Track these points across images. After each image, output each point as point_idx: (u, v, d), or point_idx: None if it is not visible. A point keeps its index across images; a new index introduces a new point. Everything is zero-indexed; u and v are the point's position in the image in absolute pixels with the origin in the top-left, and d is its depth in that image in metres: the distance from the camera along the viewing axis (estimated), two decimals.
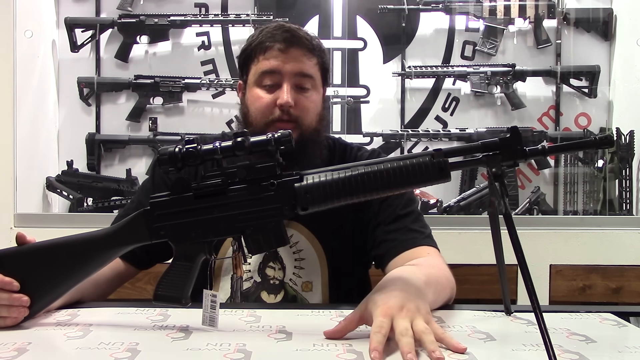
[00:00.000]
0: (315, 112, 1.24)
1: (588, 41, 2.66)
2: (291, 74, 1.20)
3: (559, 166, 2.63)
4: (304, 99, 1.21)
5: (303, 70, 1.21)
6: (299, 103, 1.21)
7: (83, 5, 2.63)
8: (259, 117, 1.21)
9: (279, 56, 1.21)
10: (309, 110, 1.22)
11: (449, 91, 2.67)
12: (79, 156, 2.56)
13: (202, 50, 2.67)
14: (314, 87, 1.24)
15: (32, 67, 2.46)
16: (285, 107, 1.19)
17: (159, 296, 0.95)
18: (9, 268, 0.95)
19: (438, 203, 2.44)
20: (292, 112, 1.20)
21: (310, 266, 1.25)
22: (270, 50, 1.21)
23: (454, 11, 2.62)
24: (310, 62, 1.23)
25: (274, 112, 1.20)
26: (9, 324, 0.94)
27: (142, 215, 0.96)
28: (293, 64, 1.20)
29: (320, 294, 1.25)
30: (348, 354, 0.80)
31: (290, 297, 1.25)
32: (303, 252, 1.25)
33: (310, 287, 1.25)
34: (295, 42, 1.21)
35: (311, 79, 1.23)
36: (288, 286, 1.25)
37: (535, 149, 0.89)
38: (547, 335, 0.74)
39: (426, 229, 1.25)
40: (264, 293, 1.25)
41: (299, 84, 1.22)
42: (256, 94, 1.22)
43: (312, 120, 1.23)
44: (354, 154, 1.33)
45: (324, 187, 0.90)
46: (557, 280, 2.16)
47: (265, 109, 1.21)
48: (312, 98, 1.23)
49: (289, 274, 1.25)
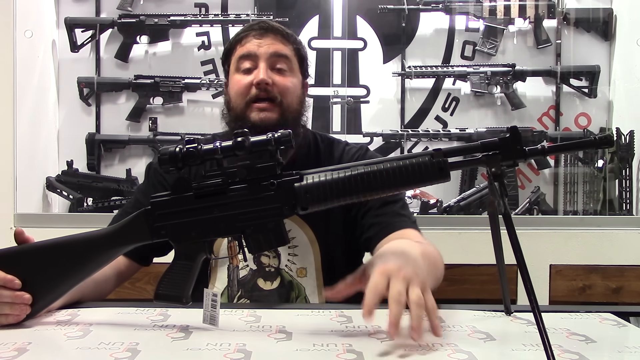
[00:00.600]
0: (296, 94, 1.27)
1: (588, 41, 2.66)
2: (266, 54, 1.24)
3: (559, 166, 2.63)
4: (281, 78, 1.25)
5: (278, 51, 1.25)
6: (277, 82, 1.24)
7: (83, 5, 2.63)
8: (238, 99, 1.25)
9: (254, 41, 1.25)
10: (288, 89, 1.25)
11: (449, 91, 2.67)
12: (79, 156, 2.56)
13: (202, 50, 2.67)
14: (291, 70, 1.27)
15: (32, 67, 2.46)
16: (262, 84, 1.22)
17: (159, 295, 0.95)
18: (11, 267, 0.96)
19: (438, 203, 2.44)
20: (270, 90, 1.22)
21: (303, 253, 1.27)
22: (246, 37, 1.26)
23: (454, 11, 2.62)
24: (286, 47, 1.27)
25: (251, 92, 1.23)
26: (11, 322, 0.94)
27: (142, 215, 0.96)
28: (268, 45, 1.25)
29: (315, 279, 1.27)
30: (348, 354, 0.80)
31: (286, 282, 1.27)
32: (296, 239, 1.27)
33: (305, 272, 1.27)
34: (270, 29, 1.26)
35: (287, 60, 1.26)
36: (284, 272, 1.27)
37: (535, 148, 0.89)
38: (545, 335, 0.74)
39: (412, 216, 1.28)
40: (260, 280, 1.27)
41: (275, 64, 1.25)
42: (235, 79, 1.26)
43: (293, 101, 1.26)
44: (341, 147, 1.35)
45: (324, 186, 0.90)
46: (557, 280, 2.16)
47: (243, 90, 1.24)
48: (290, 79, 1.26)
49: (284, 260, 1.27)
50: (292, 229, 1.27)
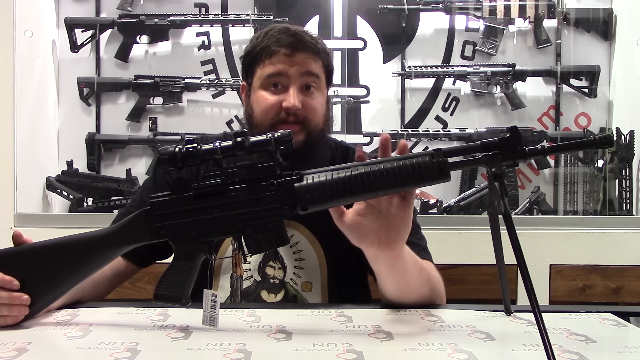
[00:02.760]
0: (322, 112, 1.25)
1: (588, 41, 2.66)
2: (298, 75, 1.21)
3: (559, 166, 2.62)
4: (310, 100, 1.22)
5: (310, 70, 1.22)
6: (306, 104, 1.21)
7: (83, 5, 2.63)
8: (263, 118, 1.22)
9: (285, 61, 1.21)
10: (316, 110, 1.23)
11: (449, 91, 2.67)
12: (79, 156, 2.56)
13: (202, 50, 2.67)
14: (319, 88, 1.25)
15: (32, 67, 2.46)
16: (292, 110, 1.19)
17: (159, 296, 0.95)
18: (9, 267, 0.96)
19: (438, 203, 2.44)
20: (299, 113, 1.20)
21: (309, 267, 1.25)
22: (276, 55, 1.21)
23: (454, 11, 2.62)
24: (316, 64, 1.24)
25: (279, 114, 1.21)
26: (10, 323, 0.94)
27: (142, 215, 0.96)
28: (299, 66, 1.21)
29: (320, 295, 1.25)
30: (348, 354, 0.80)
31: (290, 296, 1.25)
32: (303, 252, 1.25)
33: (310, 287, 1.25)
34: (301, 46, 1.22)
35: (317, 79, 1.24)
36: (288, 285, 1.25)
37: (535, 148, 0.89)
38: (546, 335, 0.74)
39: (422, 241, 1.26)
40: (264, 292, 1.25)
41: (306, 83, 1.22)
42: (262, 95, 1.22)
43: (319, 121, 1.24)
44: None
45: (324, 187, 0.90)
46: (557, 280, 2.16)
47: (269, 110, 1.21)
48: (318, 100, 1.24)
49: (290, 273, 1.25)
50: (300, 241, 1.25)
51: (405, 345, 0.84)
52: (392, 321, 1.00)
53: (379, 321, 0.98)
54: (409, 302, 1.08)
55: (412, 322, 0.99)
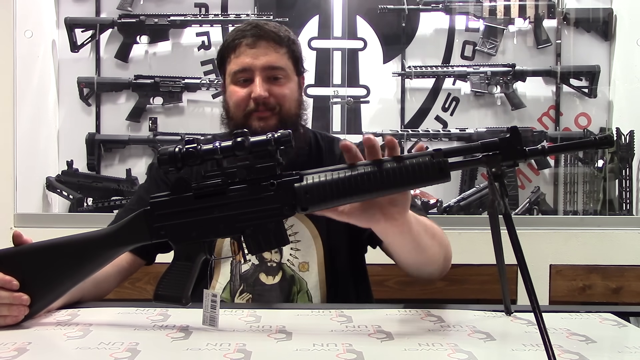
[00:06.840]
0: (293, 98, 1.30)
1: (588, 41, 2.66)
2: (261, 68, 1.26)
3: (559, 166, 2.62)
4: (277, 87, 1.27)
5: (272, 64, 1.27)
6: (273, 92, 1.26)
7: (83, 5, 2.63)
8: (236, 111, 1.28)
9: (247, 52, 1.26)
10: (285, 96, 1.28)
11: (449, 91, 2.67)
12: (79, 156, 2.56)
13: (202, 50, 2.67)
14: (287, 77, 1.29)
15: (32, 67, 2.46)
16: (260, 99, 1.24)
17: (159, 296, 0.95)
18: (9, 267, 0.95)
19: (438, 203, 2.44)
20: (268, 101, 1.25)
21: (306, 247, 1.28)
22: (239, 47, 1.27)
23: (454, 11, 2.62)
24: (279, 54, 1.28)
25: (249, 105, 1.26)
26: (9, 323, 0.94)
27: (142, 215, 0.96)
28: (262, 57, 1.26)
29: (317, 274, 1.28)
30: (348, 354, 0.80)
31: (288, 277, 1.28)
32: (299, 234, 1.28)
33: (307, 267, 1.28)
34: (263, 35, 1.27)
35: (282, 70, 1.28)
36: (286, 266, 1.28)
37: (535, 149, 0.89)
38: (546, 335, 0.74)
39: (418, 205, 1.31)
40: (262, 275, 1.28)
41: (271, 76, 1.27)
42: (232, 90, 1.29)
43: (291, 106, 1.29)
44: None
45: (324, 187, 0.90)
46: (557, 280, 2.16)
47: (241, 102, 1.27)
48: (286, 86, 1.28)
49: (286, 255, 1.29)
50: (294, 224, 1.28)
51: (405, 345, 0.84)
52: (392, 321, 1.00)
53: (379, 321, 0.98)
54: (425, 262, 1.13)
55: (412, 322, 0.99)
